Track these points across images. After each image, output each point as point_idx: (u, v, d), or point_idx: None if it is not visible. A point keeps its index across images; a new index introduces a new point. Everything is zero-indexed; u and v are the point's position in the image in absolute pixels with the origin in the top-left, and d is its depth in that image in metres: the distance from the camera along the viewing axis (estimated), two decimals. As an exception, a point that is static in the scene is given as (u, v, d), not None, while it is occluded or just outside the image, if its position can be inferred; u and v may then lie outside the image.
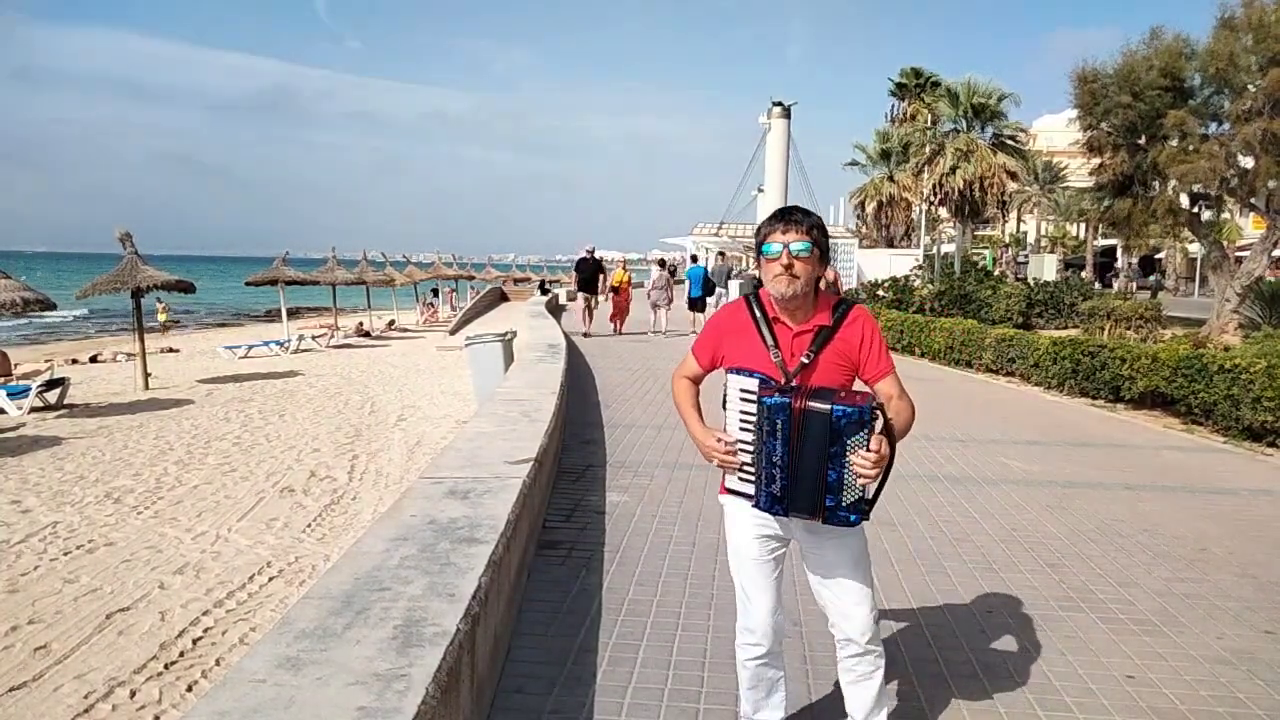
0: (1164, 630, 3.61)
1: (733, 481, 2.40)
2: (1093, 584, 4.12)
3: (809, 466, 2.19)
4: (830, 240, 2.45)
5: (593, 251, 18.03)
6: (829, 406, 2.14)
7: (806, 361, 2.31)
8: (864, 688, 2.45)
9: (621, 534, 4.68)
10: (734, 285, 23.96)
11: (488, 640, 2.73)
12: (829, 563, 2.40)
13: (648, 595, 3.84)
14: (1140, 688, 3.10)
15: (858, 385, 2.40)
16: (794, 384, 2.27)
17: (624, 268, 19.77)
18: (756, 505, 2.33)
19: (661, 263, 20.39)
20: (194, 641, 5.01)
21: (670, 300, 17.98)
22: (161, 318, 30.62)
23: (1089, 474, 6.41)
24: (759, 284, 2.45)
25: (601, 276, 17.96)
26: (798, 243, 2.28)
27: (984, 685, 3.08)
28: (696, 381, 2.59)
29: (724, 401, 2.40)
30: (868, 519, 2.28)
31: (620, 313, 18.10)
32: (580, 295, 17.77)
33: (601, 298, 18.29)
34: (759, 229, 2.39)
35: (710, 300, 19.96)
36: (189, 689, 4.48)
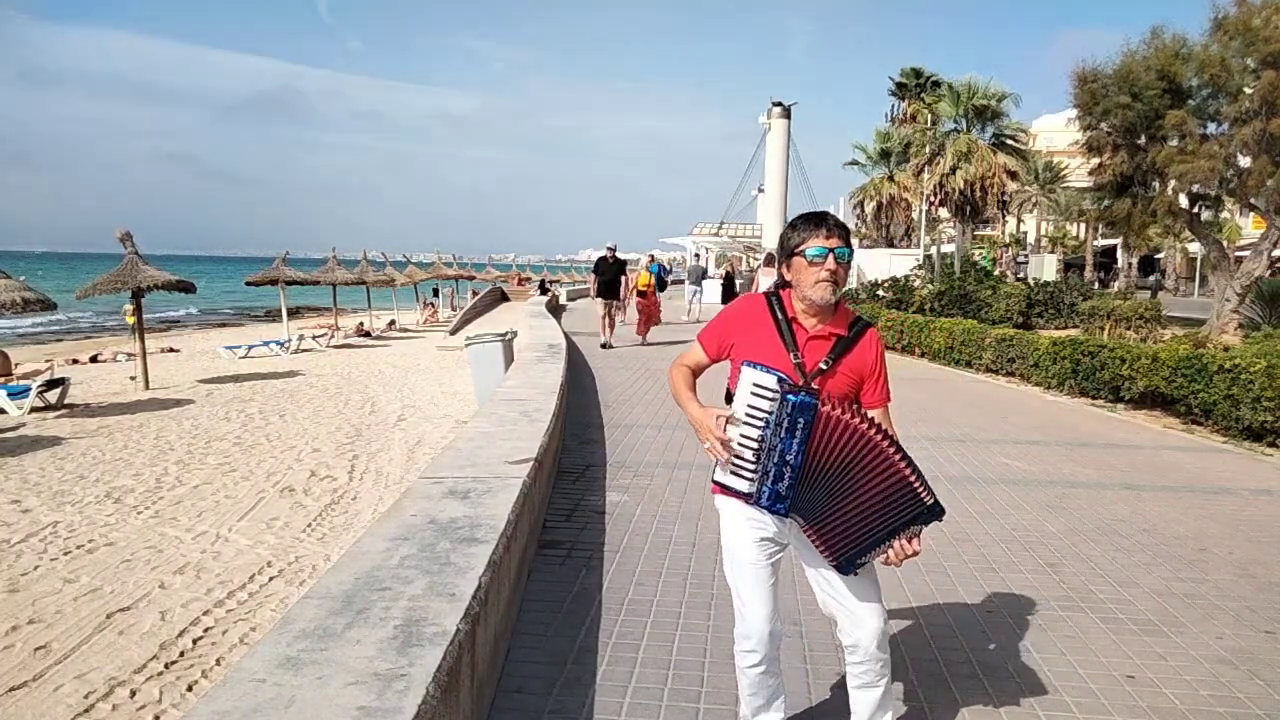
0: (1164, 630, 3.61)
1: (722, 475, 2.36)
2: (1093, 584, 4.12)
3: (847, 495, 2.20)
4: None
5: (614, 249, 15.37)
6: (932, 500, 2.16)
7: (825, 367, 2.31)
8: (869, 693, 2.46)
9: (621, 534, 4.68)
10: (707, 285, 24.50)
11: (488, 640, 2.73)
12: (830, 571, 2.37)
13: (648, 595, 3.84)
14: (1140, 688, 3.10)
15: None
16: (813, 386, 2.26)
17: (649, 268, 16.94)
18: (755, 501, 2.30)
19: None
20: (194, 641, 5.01)
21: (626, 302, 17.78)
22: (129, 320, 30.46)
23: (1089, 474, 6.41)
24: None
25: (624, 279, 15.43)
26: (842, 248, 2.27)
27: (984, 685, 3.08)
28: (697, 372, 2.56)
29: (727, 394, 2.37)
30: (856, 575, 2.33)
31: (648, 320, 15.98)
32: (600, 301, 14.98)
33: (625, 302, 16.10)
34: (790, 232, 2.34)
35: (692, 296, 21.45)
36: (189, 689, 4.48)
